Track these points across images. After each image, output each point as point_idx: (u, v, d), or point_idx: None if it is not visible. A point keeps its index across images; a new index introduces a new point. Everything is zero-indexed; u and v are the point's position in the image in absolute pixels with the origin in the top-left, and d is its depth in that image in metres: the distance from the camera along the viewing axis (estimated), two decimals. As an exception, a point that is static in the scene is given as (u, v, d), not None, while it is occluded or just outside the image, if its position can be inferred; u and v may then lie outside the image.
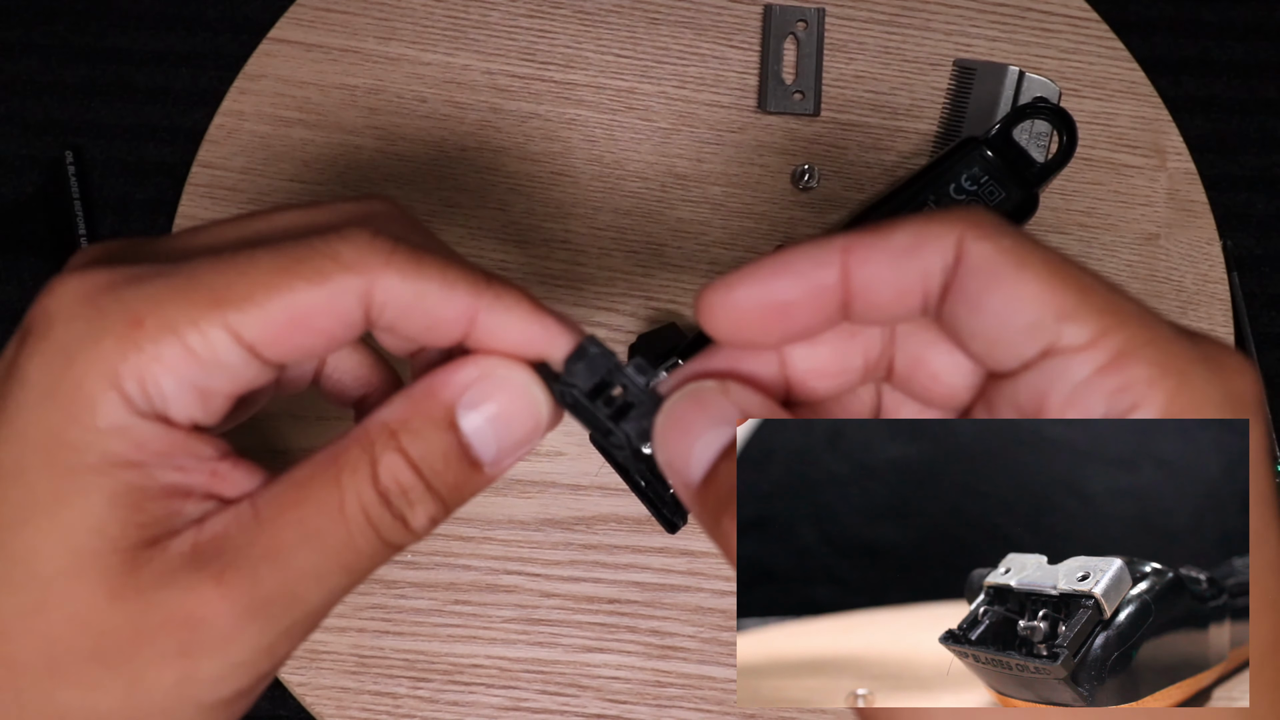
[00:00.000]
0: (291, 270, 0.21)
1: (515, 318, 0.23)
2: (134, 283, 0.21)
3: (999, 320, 0.20)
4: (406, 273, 0.22)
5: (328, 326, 0.22)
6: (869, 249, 0.21)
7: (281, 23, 0.50)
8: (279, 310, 0.21)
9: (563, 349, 0.24)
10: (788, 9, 0.51)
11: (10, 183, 0.50)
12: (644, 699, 0.44)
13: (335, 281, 0.21)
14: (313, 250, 0.21)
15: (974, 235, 0.20)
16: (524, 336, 0.23)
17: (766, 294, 0.22)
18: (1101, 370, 0.19)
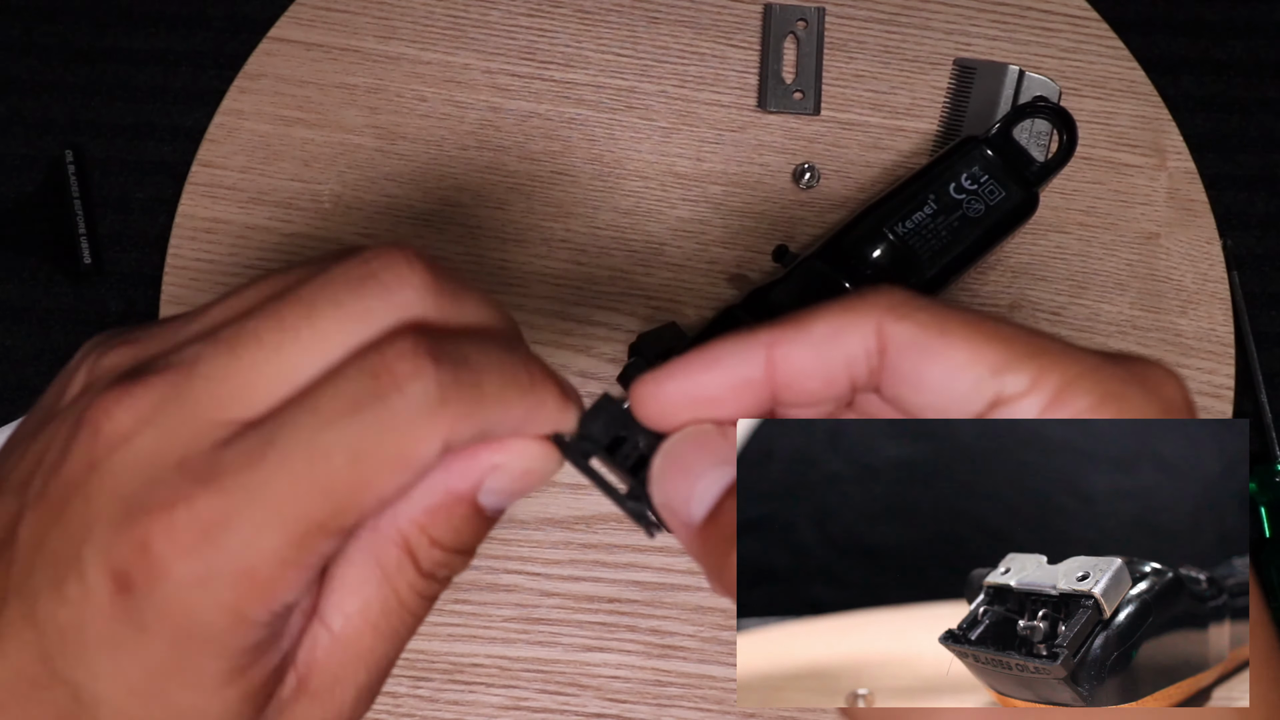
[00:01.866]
0: (371, 463, 0.21)
1: (545, 413, 0.24)
2: (231, 523, 0.21)
3: (941, 389, 0.21)
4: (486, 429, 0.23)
5: (404, 487, 0.22)
6: (790, 342, 0.22)
7: (281, 22, 0.50)
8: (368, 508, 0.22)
9: (573, 421, 0.24)
10: (788, 8, 0.51)
11: (10, 182, 0.50)
12: (644, 698, 0.44)
13: (417, 466, 0.22)
14: (383, 434, 0.21)
15: (891, 319, 0.22)
16: (549, 424, 0.24)
17: (694, 388, 0.23)
18: (1047, 408, 0.21)
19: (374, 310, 0.22)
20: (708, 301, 0.48)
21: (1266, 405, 0.48)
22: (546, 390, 0.23)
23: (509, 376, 0.23)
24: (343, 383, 0.21)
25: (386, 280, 0.22)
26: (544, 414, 0.23)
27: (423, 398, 0.21)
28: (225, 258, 0.48)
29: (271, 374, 0.21)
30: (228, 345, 0.21)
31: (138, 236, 0.49)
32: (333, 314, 0.21)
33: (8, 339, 0.48)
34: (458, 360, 0.22)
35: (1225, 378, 0.48)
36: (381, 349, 0.21)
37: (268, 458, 0.20)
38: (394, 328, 0.22)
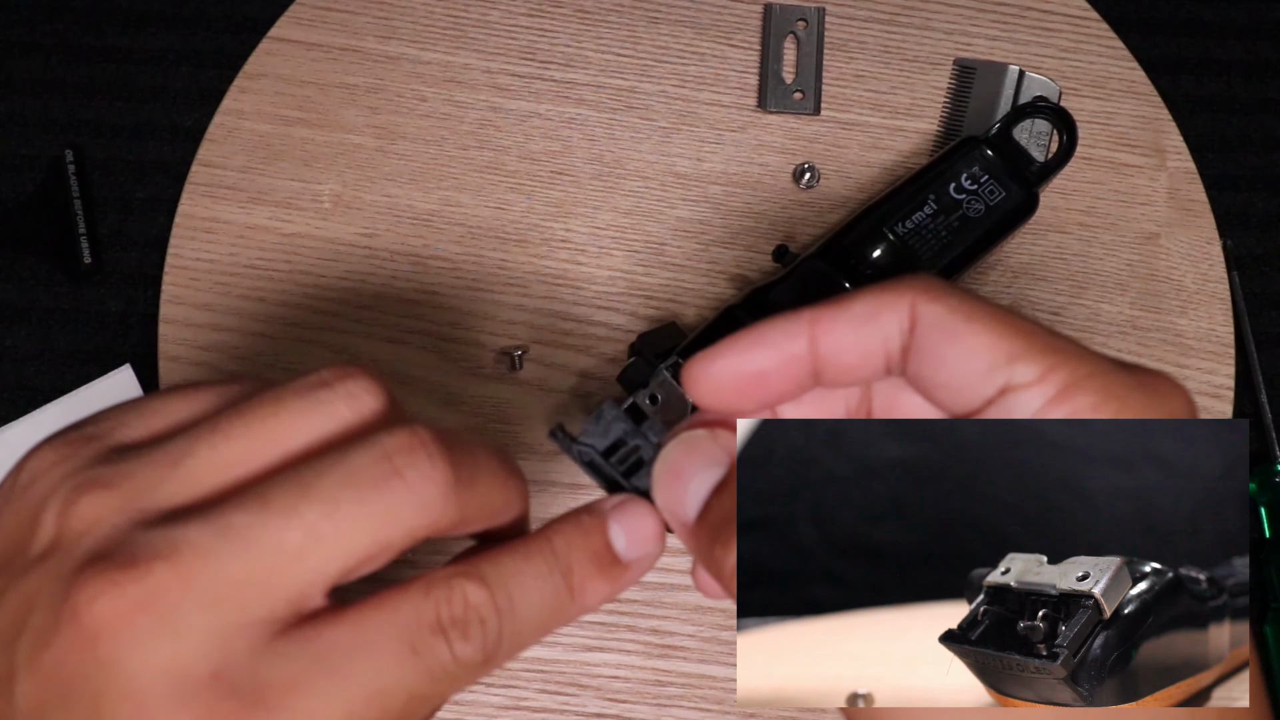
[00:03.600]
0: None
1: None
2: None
3: (959, 369, 0.23)
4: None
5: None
6: (833, 319, 0.24)
7: (282, 22, 0.50)
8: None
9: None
10: (788, 8, 0.51)
11: (10, 182, 0.50)
12: (644, 698, 0.44)
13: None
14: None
15: (924, 299, 0.23)
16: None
17: (745, 365, 0.24)
18: (1051, 401, 0.22)
19: (399, 515, 0.22)
20: (708, 301, 0.48)
21: (1266, 405, 0.48)
22: (591, 592, 0.25)
23: (549, 607, 0.24)
24: (400, 626, 0.22)
25: (411, 480, 0.22)
26: (587, 610, 0.25)
27: (472, 659, 0.22)
28: (225, 258, 0.48)
29: (299, 580, 0.21)
30: (244, 543, 0.21)
31: (138, 236, 0.49)
32: (357, 515, 0.21)
33: (8, 339, 0.48)
34: (503, 612, 0.23)
35: (1225, 378, 0.48)
36: (437, 601, 0.22)
37: (320, 687, 0.20)
38: (418, 530, 0.22)
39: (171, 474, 0.22)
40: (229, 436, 0.22)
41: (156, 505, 0.21)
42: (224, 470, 0.22)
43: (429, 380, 0.47)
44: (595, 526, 0.25)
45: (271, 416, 0.22)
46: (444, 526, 0.23)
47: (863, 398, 0.26)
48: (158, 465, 0.22)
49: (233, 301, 0.47)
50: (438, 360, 0.47)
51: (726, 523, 0.24)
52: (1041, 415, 0.22)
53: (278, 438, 0.22)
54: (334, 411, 0.23)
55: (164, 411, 0.24)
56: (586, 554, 0.25)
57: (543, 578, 0.24)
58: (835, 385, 0.25)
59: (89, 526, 0.21)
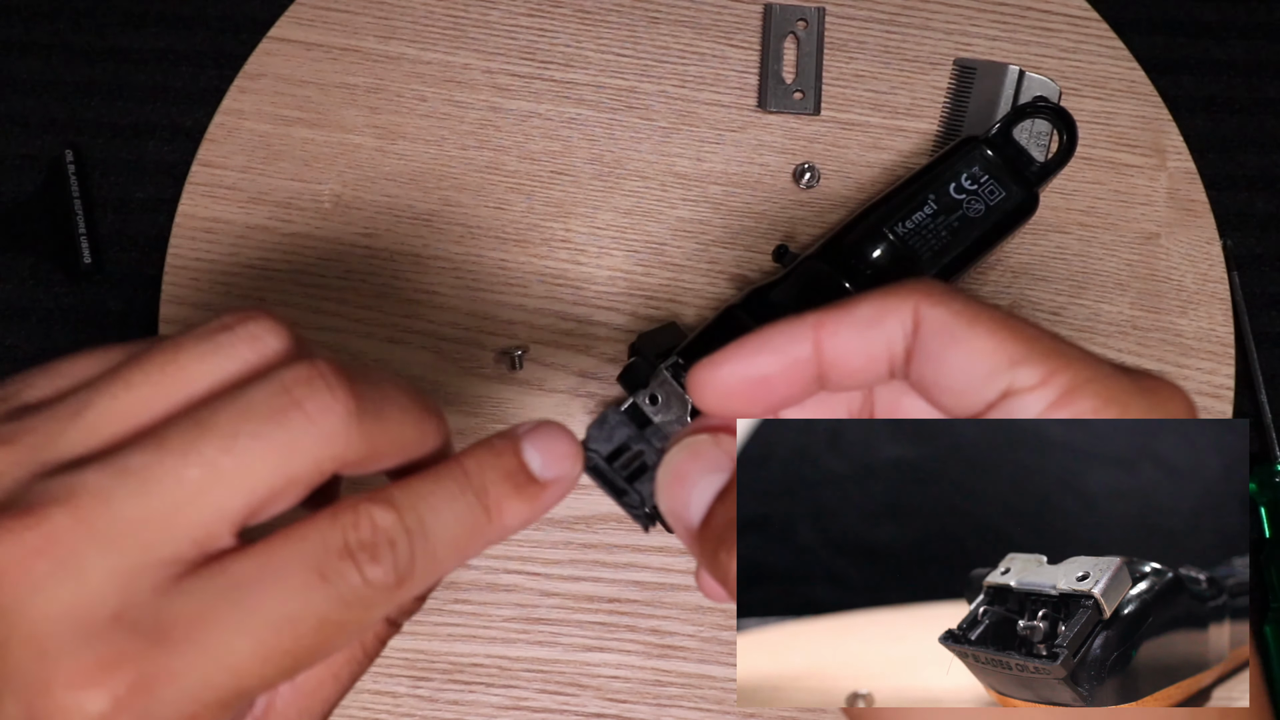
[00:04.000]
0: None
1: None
2: (179, 680, 0.20)
3: (961, 372, 0.23)
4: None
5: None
6: (837, 323, 0.24)
7: (281, 22, 0.50)
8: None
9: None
10: (788, 8, 0.51)
11: (10, 182, 0.50)
12: (644, 698, 0.44)
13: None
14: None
15: (928, 302, 0.23)
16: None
17: (750, 369, 0.24)
18: (1053, 405, 0.22)
19: (299, 444, 0.21)
20: (708, 301, 0.48)
21: (1266, 405, 0.48)
22: (509, 510, 0.24)
23: (464, 526, 0.23)
24: (307, 554, 0.21)
25: (310, 410, 0.21)
26: (508, 530, 0.25)
27: (384, 580, 0.22)
28: (225, 258, 0.48)
29: (200, 516, 0.21)
30: (142, 481, 0.20)
31: (138, 236, 0.49)
32: (256, 449, 0.21)
33: (8, 339, 0.48)
34: (414, 533, 0.22)
35: (1225, 378, 0.48)
36: (343, 526, 0.22)
37: (228, 619, 0.20)
38: (322, 461, 0.22)
39: (71, 424, 0.21)
40: (129, 385, 0.22)
41: (57, 456, 0.21)
42: (125, 418, 0.22)
43: (429, 380, 0.47)
44: (508, 448, 0.24)
45: (170, 362, 0.22)
46: (351, 459, 0.22)
47: (865, 402, 0.26)
48: (58, 418, 0.22)
49: (233, 301, 0.47)
50: (438, 360, 0.47)
51: (730, 527, 0.24)
52: (1044, 418, 0.22)
53: (178, 382, 0.22)
54: (235, 353, 0.22)
55: (69, 372, 0.23)
56: (500, 473, 0.24)
57: (455, 498, 0.23)
58: (839, 389, 0.25)
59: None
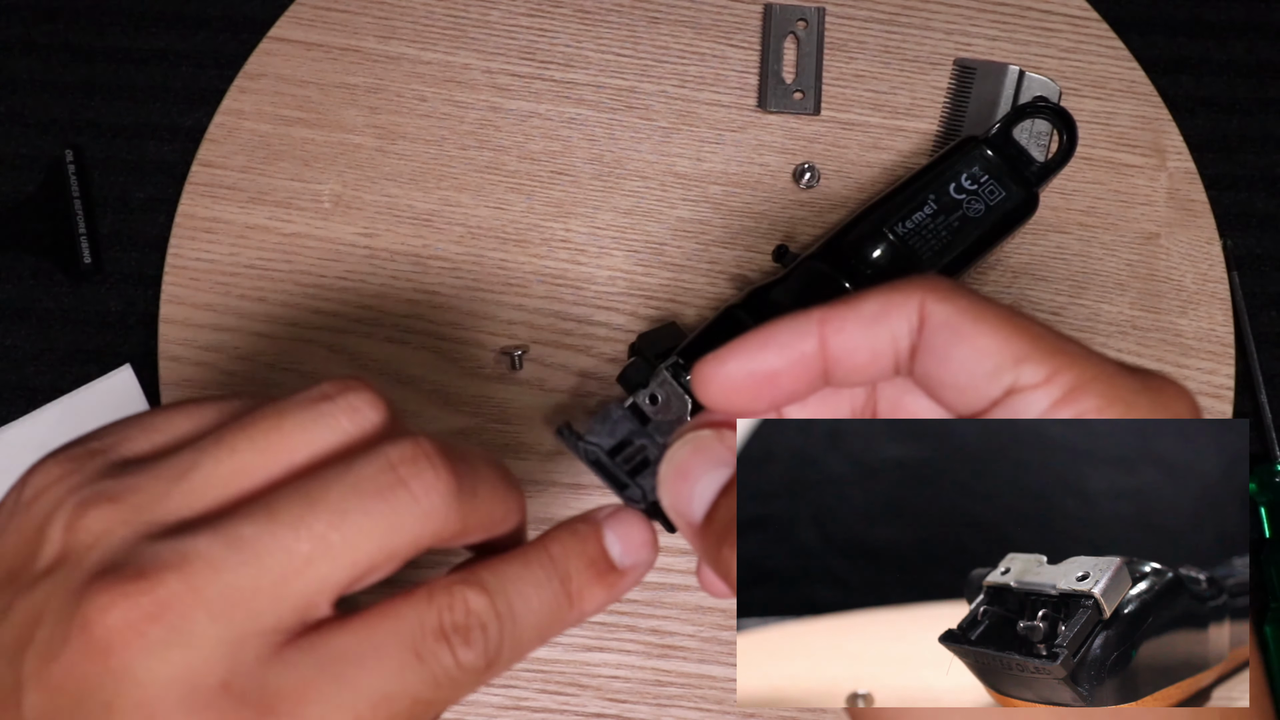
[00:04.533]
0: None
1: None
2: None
3: (965, 368, 0.23)
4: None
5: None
6: (842, 318, 0.24)
7: (282, 21, 0.50)
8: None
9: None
10: (788, 8, 0.51)
11: (10, 182, 0.50)
12: (644, 698, 0.44)
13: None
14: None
15: (934, 298, 0.23)
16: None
17: (755, 365, 0.24)
18: (1057, 403, 0.22)
19: (404, 523, 0.22)
20: (708, 301, 0.48)
21: (1266, 405, 0.48)
22: (589, 599, 0.25)
23: (549, 613, 0.24)
24: (405, 634, 0.22)
25: (415, 490, 0.22)
26: (585, 616, 0.25)
27: (474, 665, 0.22)
28: (225, 258, 0.48)
29: (307, 589, 0.21)
30: (254, 553, 0.21)
31: (138, 236, 0.49)
32: (364, 525, 0.22)
33: (8, 339, 0.48)
34: (504, 617, 0.23)
35: (1225, 378, 0.48)
36: (439, 608, 0.22)
37: (329, 694, 0.21)
38: (422, 539, 0.22)
39: (177, 487, 0.22)
40: (234, 450, 0.22)
41: (163, 518, 0.21)
42: (229, 483, 0.22)
43: (429, 380, 0.47)
44: (591, 534, 0.25)
45: (274, 430, 0.23)
46: (447, 535, 0.23)
47: (868, 400, 0.26)
48: (163, 479, 0.22)
49: (233, 301, 0.47)
50: (438, 360, 0.47)
51: (733, 524, 0.24)
52: (1047, 416, 0.22)
53: (281, 450, 0.23)
54: (336, 424, 0.23)
55: (166, 427, 0.24)
56: (583, 561, 0.25)
57: (541, 585, 0.24)
58: (845, 385, 0.25)
59: (96, 540, 0.21)
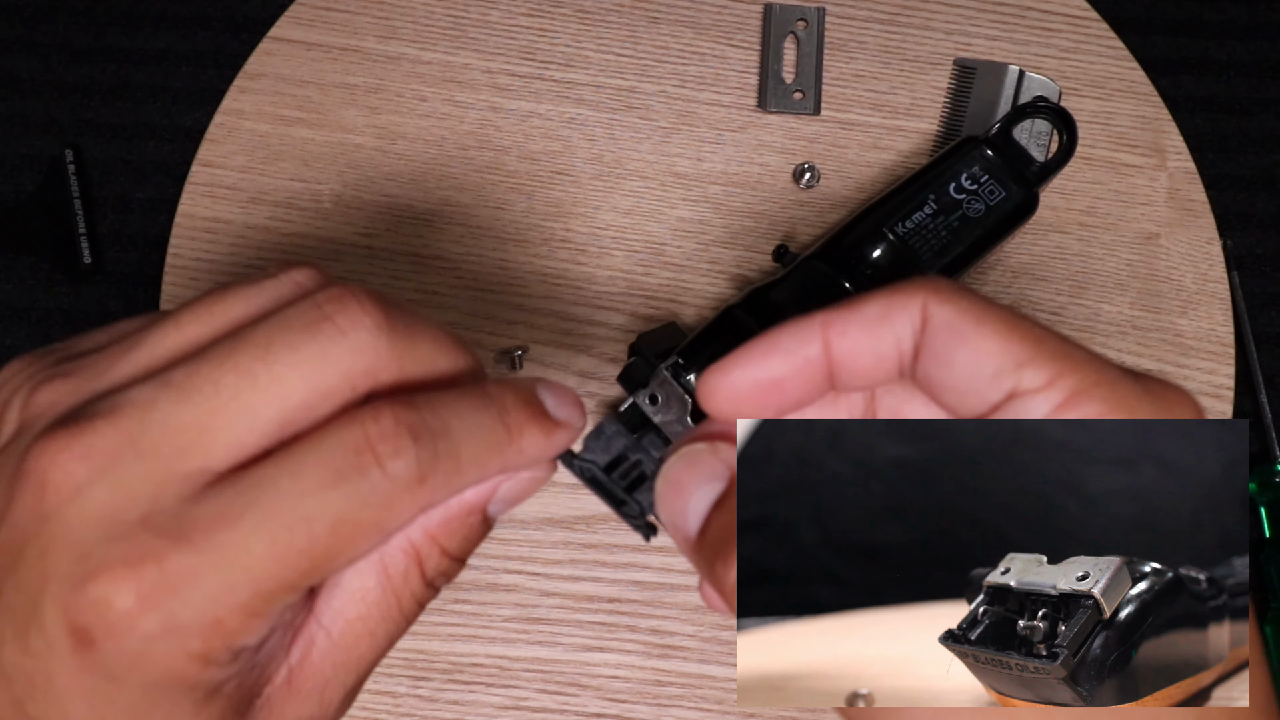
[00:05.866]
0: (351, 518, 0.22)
1: (526, 456, 0.25)
2: (202, 579, 0.21)
3: (967, 371, 0.23)
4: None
5: (377, 546, 0.23)
6: (845, 322, 0.24)
7: (281, 21, 0.50)
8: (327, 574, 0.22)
9: (562, 442, 0.26)
10: (788, 8, 0.51)
11: (10, 182, 0.50)
12: (644, 698, 0.44)
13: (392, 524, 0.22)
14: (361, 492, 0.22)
15: (936, 300, 0.23)
16: (531, 461, 0.25)
17: (761, 372, 0.24)
18: (1059, 408, 0.22)
19: (330, 354, 0.22)
20: (708, 301, 0.48)
21: (1266, 405, 0.48)
22: (527, 435, 0.24)
23: (485, 438, 0.23)
24: (324, 451, 0.21)
25: (341, 323, 0.22)
26: (525, 457, 0.25)
27: (404, 475, 0.22)
28: (225, 258, 0.48)
29: (233, 423, 0.21)
30: (181, 390, 0.21)
31: (138, 236, 0.49)
32: (289, 358, 0.22)
33: (8, 339, 0.48)
34: (437, 432, 0.22)
35: (1225, 378, 0.48)
36: (363, 421, 0.21)
37: (245, 519, 0.21)
38: (353, 374, 0.22)
39: (124, 358, 0.23)
40: (179, 324, 0.23)
41: (108, 384, 0.22)
42: (173, 351, 0.23)
43: (429, 380, 0.47)
44: (525, 384, 0.25)
45: (218, 302, 0.23)
46: (382, 377, 0.23)
47: (867, 407, 0.26)
48: (110, 355, 0.23)
49: (233, 301, 0.47)
50: (438, 360, 0.47)
51: (728, 538, 0.24)
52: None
53: (223, 319, 0.23)
54: (278, 293, 0.23)
55: (121, 328, 0.25)
56: (520, 400, 0.24)
57: (478, 409, 0.23)
58: (849, 389, 0.25)
59: (47, 408, 0.22)
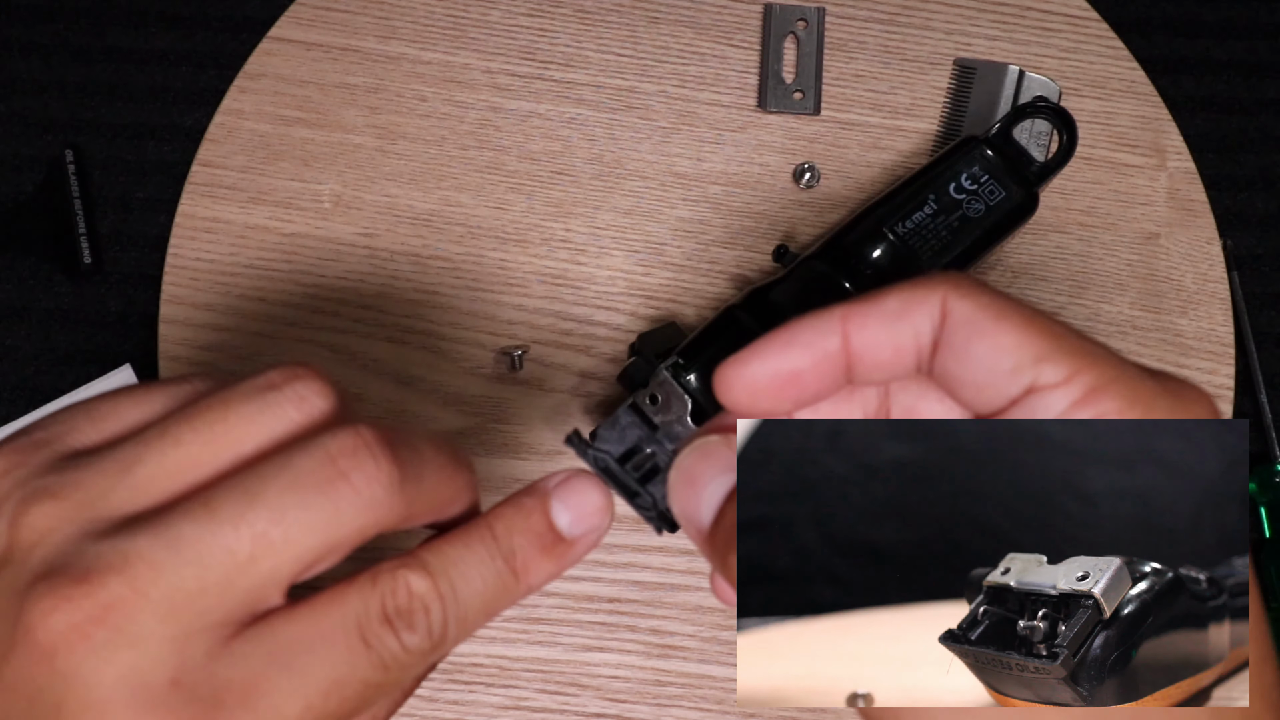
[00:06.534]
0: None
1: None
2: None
3: (985, 366, 0.23)
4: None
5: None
6: (865, 315, 0.24)
7: (281, 22, 0.50)
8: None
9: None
10: (788, 8, 0.51)
11: (10, 182, 0.50)
12: (644, 698, 0.44)
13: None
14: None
15: (956, 295, 0.23)
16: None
17: (779, 365, 0.24)
18: (1076, 404, 0.22)
19: (345, 514, 0.22)
20: (708, 301, 0.48)
21: (1266, 405, 0.48)
22: (535, 572, 0.25)
23: (493, 587, 0.25)
24: (349, 616, 0.22)
25: (356, 482, 0.22)
26: (533, 589, 0.26)
27: (421, 645, 0.23)
28: (225, 258, 0.48)
29: (251, 584, 0.21)
30: (195, 553, 0.21)
31: (138, 236, 0.49)
32: (305, 520, 0.21)
33: (8, 339, 0.48)
34: (447, 600, 0.23)
35: (1225, 378, 0.48)
36: (381, 593, 0.22)
37: (280, 684, 0.21)
38: (365, 529, 0.22)
39: (121, 481, 0.22)
40: (178, 442, 0.22)
41: (107, 515, 0.21)
42: (174, 476, 0.22)
43: (429, 380, 0.47)
44: (536, 507, 0.25)
45: (219, 421, 0.23)
46: (391, 523, 0.23)
47: (881, 403, 0.26)
48: (107, 474, 0.22)
49: (233, 301, 0.47)
50: (438, 360, 0.47)
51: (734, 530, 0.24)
52: (1067, 416, 0.22)
53: (226, 442, 0.22)
54: (282, 414, 0.23)
55: (114, 415, 0.24)
56: (528, 536, 0.25)
57: (484, 563, 0.24)
58: (866, 383, 0.25)
59: (40, 538, 0.21)
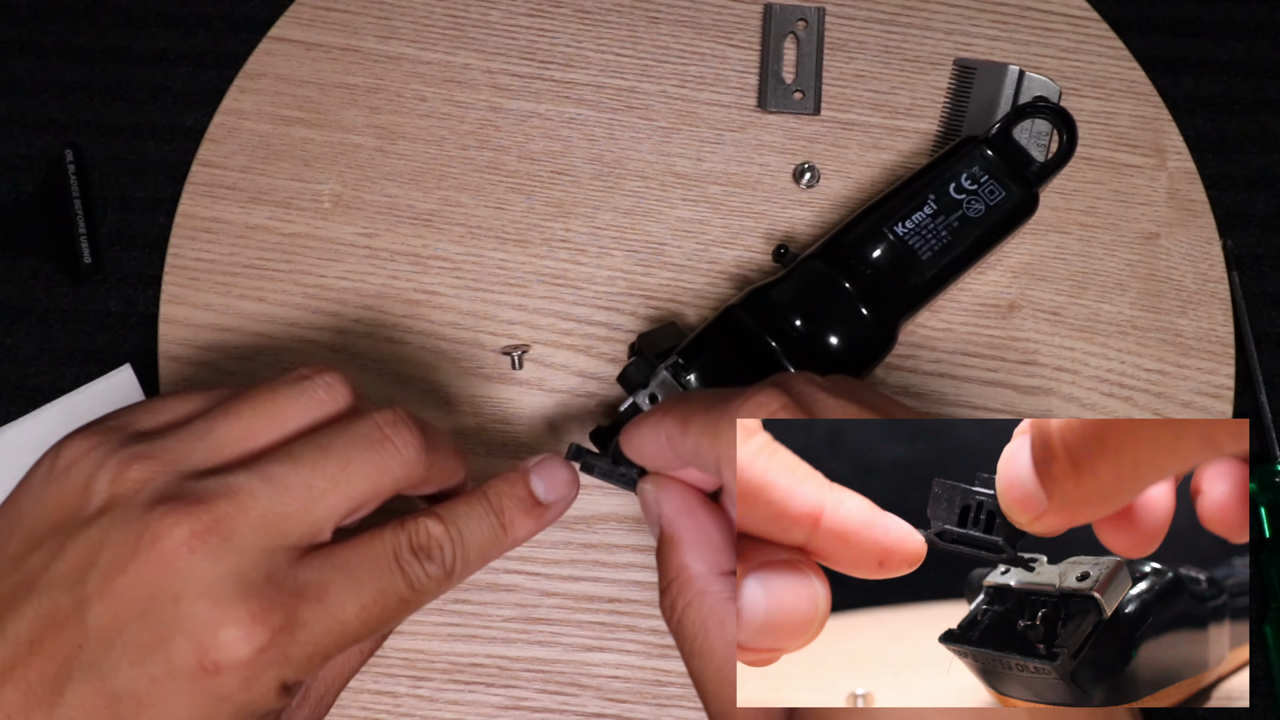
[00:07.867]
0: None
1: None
2: (311, 630, 0.28)
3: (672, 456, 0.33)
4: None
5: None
6: (640, 422, 0.33)
7: (282, 21, 0.50)
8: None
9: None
10: (788, 8, 0.51)
11: (10, 182, 0.50)
12: (644, 698, 0.44)
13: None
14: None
15: (676, 408, 0.32)
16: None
17: (637, 443, 0.33)
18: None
19: (389, 467, 0.30)
20: (708, 301, 0.48)
21: (1266, 405, 0.48)
22: (519, 527, 0.33)
23: (489, 536, 0.33)
24: (387, 546, 0.30)
25: (398, 444, 0.30)
26: (519, 540, 0.34)
27: (439, 573, 0.31)
28: (225, 257, 0.48)
29: (322, 514, 0.29)
30: (283, 485, 0.28)
31: (138, 236, 0.49)
32: (363, 469, 0.29)
33: (8, 339, 0.48)
34: (455, 540, 0.31)
35: (1225, 378, 0.48)
36: (408, 530, 0.30)
37: (344, 587, 0.28)
38: (400, 481, 0.31)
39: (199, 446, 0.29)
40: (239, 416, 0.30)
41: (193, 468, 0.28)
42: (240, 441, 0.29)
43: (429, 380, 0.47)
44: (519, 479, 0.34)
45: (270, 401, 0.30)
46: (416, 480, 0.31)
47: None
48: (186, 439, 0.29)
49: (233, 301, 0.47)
50: (438, 360, 0.47)
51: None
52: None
53: (277, 418, 0.30)
54: (316, 396, 0.31)
55: (168, 410, 0.31)
56: (514, 500, 0.33)
57: (482, 518, 0.32)
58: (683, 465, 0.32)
59: (141, 485, 0.27)
